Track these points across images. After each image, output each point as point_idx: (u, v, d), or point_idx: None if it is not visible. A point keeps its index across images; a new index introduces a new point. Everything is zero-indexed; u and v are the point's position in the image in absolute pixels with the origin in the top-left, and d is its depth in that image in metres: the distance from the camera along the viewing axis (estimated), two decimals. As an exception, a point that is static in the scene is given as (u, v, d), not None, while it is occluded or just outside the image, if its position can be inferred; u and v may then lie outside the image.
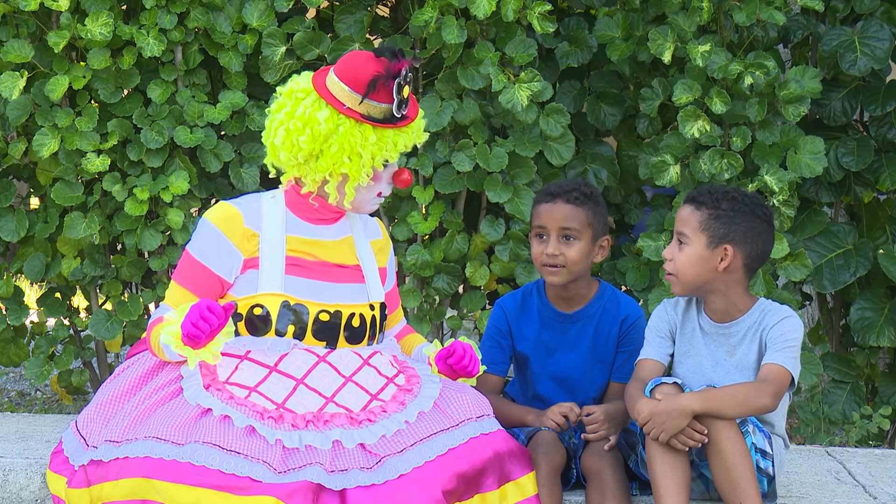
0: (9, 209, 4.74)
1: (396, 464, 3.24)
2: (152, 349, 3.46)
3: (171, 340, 3.34)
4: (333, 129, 3.39)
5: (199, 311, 3.28)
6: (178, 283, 3.49)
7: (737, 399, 3.33)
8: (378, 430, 3.32)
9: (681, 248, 3.45)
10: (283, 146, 3.44)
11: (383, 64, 3.41)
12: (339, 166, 3.41)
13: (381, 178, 3.50)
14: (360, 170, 3.42)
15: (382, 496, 3.17)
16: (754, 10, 4.39)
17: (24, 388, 5.87)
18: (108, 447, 3.30)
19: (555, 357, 3.74)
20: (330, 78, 3.45)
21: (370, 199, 3.52)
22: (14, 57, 4.51)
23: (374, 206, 3.55)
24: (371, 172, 3.45)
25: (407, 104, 3.44)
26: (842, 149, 4.68)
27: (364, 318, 3.51)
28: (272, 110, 3.50)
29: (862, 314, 4.72)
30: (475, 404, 3.43)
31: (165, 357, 3.42)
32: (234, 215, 3.49)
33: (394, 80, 3.40)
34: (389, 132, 3.43)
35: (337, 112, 3.40)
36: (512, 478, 3.35)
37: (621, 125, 4.85)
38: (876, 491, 3.75)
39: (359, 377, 3.43)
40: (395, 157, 3.47)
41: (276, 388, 3.37)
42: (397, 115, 3.42)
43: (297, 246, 3.51)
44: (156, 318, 3.45)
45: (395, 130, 3.44)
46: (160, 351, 3.42)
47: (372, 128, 3.41)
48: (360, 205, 3.52)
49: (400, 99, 3.41)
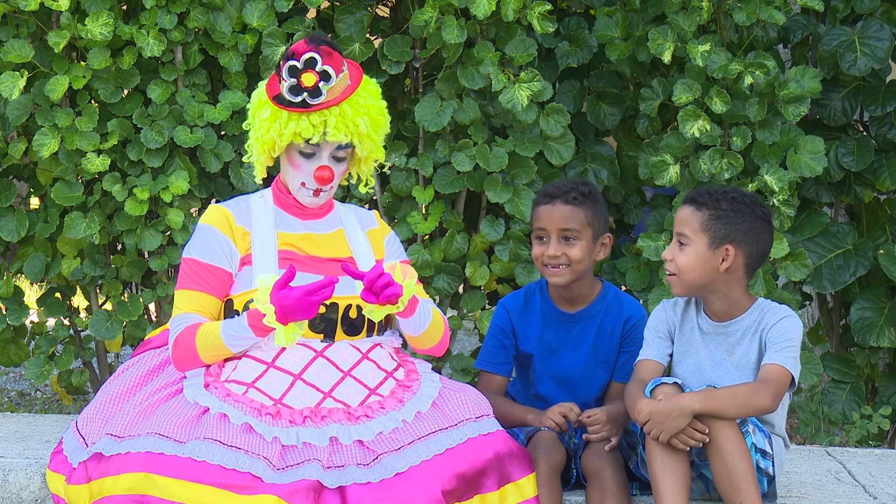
0: (9, 209, 4.74)
1: (393, 462, 3.25)
2: (198, 350, 3.43)
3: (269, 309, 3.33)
4: (252, 105, 3.55)
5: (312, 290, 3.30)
6: (189, 290, 3.48)
7: (737, 399, 3.33)
8: (375, 427, 3.32)
9: (681, 249, 3.45)
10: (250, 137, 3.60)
11: (299, 46, 3.47)
12: (257, 142, 3.53)
13: (299, 166, 3.51)
14: (255, 143, 3.53)
15: (382, 495, 3.18)
16: (754, 9, 4.39)
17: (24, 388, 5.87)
18: (110, 441, 3.31)
19: (557, 357, 3.74)
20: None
21: (295, 187, 3.55)
22: (14, 57, 4.50)
23: (306, 197, 3.55)
24: (270, 149, 3.52)
25: (311, 93, 3.44)
26: (842, 149, 4.68)
27: (361, 309, 3.51)
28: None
29: (862, 314, 4.72)
30: (475, 404, 3.43)
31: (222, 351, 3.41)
32: (225, 214, 3.54)
33: (287, 60, 3.43)
34: (282, 113, 3.46)
35: (263, 91, 3.53)
36: (512, 479, 3.34)
37: (621, 125, 4.85)
38: (876, 491, 3.75)
39: (357, 371, 3.43)
40: (285, 140, 3.48)
41: (273, 384, 3.37)
42: (291, 99, 3.45)
43: (287, 241, 3.53)
44: (192, 323, 3.44)
45: (291, 114, 3.46)
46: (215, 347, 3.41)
47: (274, 107, 3.48)
48: (294, 192, 3.57)
49: (294, 83, 3.43)
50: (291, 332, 3.35)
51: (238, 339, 3.40)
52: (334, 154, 3.52)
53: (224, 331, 3.40)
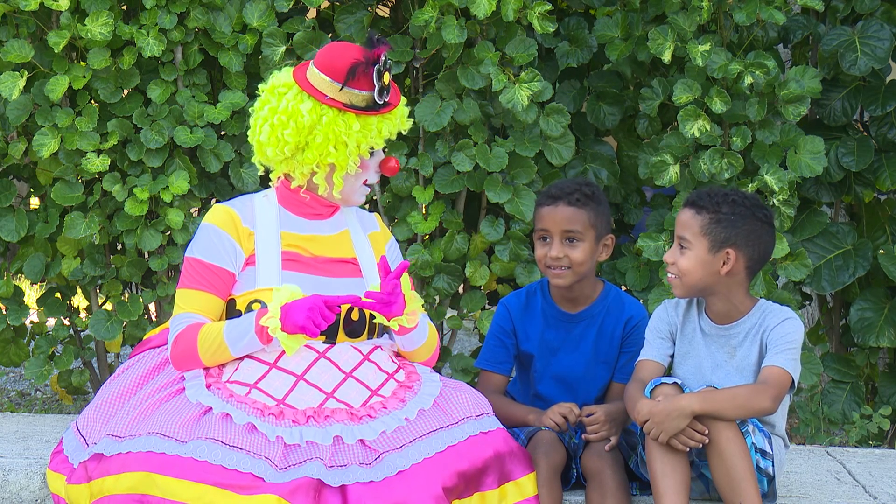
0: (9, 209, 4.74)
1: (395, 460, 3.25)
2: (199, 351, 3.42)
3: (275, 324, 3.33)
4: (317, 119, 3.42)
5: (321, 310, 3.30)
6: (192, 289, 3.47)
7: (737, 401, 3.33)
8: (378, 427, 3.33)
9: (682, 253, 3.44)
10: (269, 142, 3.47)
11: (361, 51, 3.44)
12: (326, 156, 3.43)
13: (367, 166, 3.52)
14: (347, 158, 3.44)
15: (383, 493, 3.18)
16: (754, 9, 4.39)
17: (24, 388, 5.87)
18: (111, 441, 3.31)
19: (558, 357, 3.74)
20: (310, 70, 3.47)
21: (357, 187, 3.53)
22: (14, 57, 4.50)
23: (362, 196, 3.55)
24: (358, 161, 3.47)
25: (389, 90, 3.46)
26: (842, 149, 4.68)
27: (363, 311, 3.51)
28: (256, 108, 3.53)
29: (862, 314, 4.72)
30: (474, 403, 3.43)
31: (224, 354, 3.41)
32: (231, 215, 3.52)
33: (373, 66, 3.42)
34: (373, 119, 3.45)
35: (319, 103, 3.42)
36: (512, 477, 3.35)
37: (621, 125, 4.85)
38: (876, 491, 3.75)
39: (359, 373, 3.44)
40: (380, 143, 3.49)
41: (276, 385, 3.37)
42: (379, 102, 3.44)
43: (292, 241, 3.52)
44: (193, 323, 3.43)
45: (379, 117, 3.46)
46: (217, 349, 3.40)
47: (355, 116, 3.43)
48: (348, 194, 3.53)
49: (381, 85, 3.43)
50: (296, 340, 3.36)
51: (242, 343, 3.39)
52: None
53: (227, 333, 3.39)
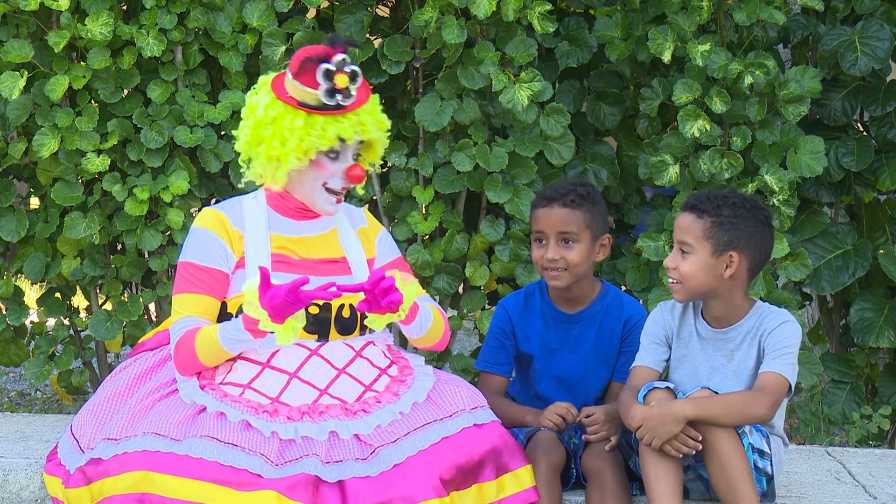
0: (9, 209, 4.74)
1: (390, 454, 3.26)
2: (198, 355, 3.41)
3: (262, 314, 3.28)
4: (269, 115, 3.44)
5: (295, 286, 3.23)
6: (188, 293, 3.47)
7: (732, 409, 3.32)
8: (373, 421, 3.34)
9: (684, 258, 3.42)
10: (239, 138, 3.52)
11: (319, 49, 3.44)
12: (269, 149, 3.44)
13: (325, 169, 3.49)
14: (288, 153, 3.43)
15: (381, 486, 3.19)
16: (754, 9, 4.39)
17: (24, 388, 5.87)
18: (107, 445, 3.31)
19: (557, 357, 3.74)
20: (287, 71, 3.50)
21: (316, 191, 3.51)
22: (14, 57, 4.50)
23: (327, 204, 3.52)
24: (302, 158, 3.45)
25: (343, 93, 3.43)
26: (842, 149, 4.67)
27: (354, 308, 3.51)
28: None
29: (862, 315, 4.71)
30: (469, 397, 3.45)
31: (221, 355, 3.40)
32: (220, 218, 3.53)
33: (319, 63, 3.41)
34: (319, 118, 3.44)
35: (276, 98, 3.45)
36: (509, 469, 3.36)
37: (621, 125, 4.85)
38: (876, 491, 3.75)
39: (352, 369, 3.44)
40: (326, 144, 3.45)
41: (269, 384, 3.38)
42: (328, 103, 3.43)
43: (281, 244, 3.52)
44: (192, 328, 3.42)
45: (327, 118, 3.44)
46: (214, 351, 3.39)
47: (305, 114, 3.43)
48: (313, 200, 3.52)
49: (330, 86, 3.41)
50: (290, 328, 3.33)
51: (236, 342, 3.39)
52: (354, 153, 3.53)
53: (221, 335, 3.39)
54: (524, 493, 3.36)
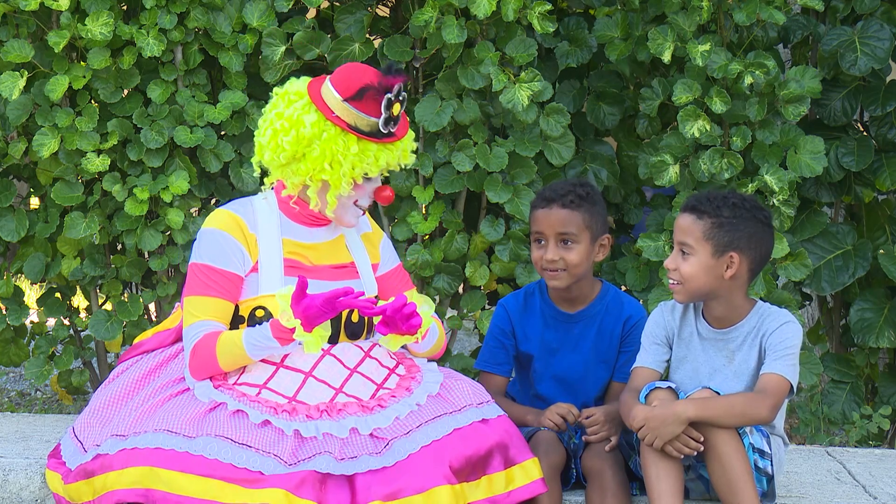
0: (9, 209, 4.74)
1: (404, 445, 3.29)
2: (219, 360, 3.41)
3: (297, 323, 3.31)
4: (318, 133, 3.41)
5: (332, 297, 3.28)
6: (204, 296, 3.45)
7: (734, 411, 3.32)
8: (391, 413, 3.36)
9: (685, 259, 3.42)
10: (269, 145, 3.47)
11: (377, 76, 3.43)
12: (320, 172, 3.43)
13: (362, 189, 3.51)
14: (340, 178, 3.43)
15: (392, 477, 3.21)
16: (754, 9, 4.39)
17: (24, 388, 5.87)
18: (115, 441, 3.32)
19: (557, 357, 3.74)
20: (325, 85, 3.47)
21: (348, 208, 3.52)
22: (14, 57, 4.50)
23: (354, 218, 3.54)
24: (351, 183, 3.45)
25: (396, 122, 3.46)
26: (842, 149, 4.67)
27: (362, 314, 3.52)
28: (266, 109, 3.53)
29: (862, 315, 4.71)
30: (474, 392, 3.48)
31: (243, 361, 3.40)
32: (237, 220, 3.51)
33: (384, 94, 3.41)
34: (372, 146, 3.44)
35: (324, 118, 3.42)
36: (517, 461, 3.37)
37: (621, 125, 4.85)
38: (876, 491, 3.75)
39: (363, 368, 3.48)
40: (376, 171, 3.48)
41: (285, 383, 3.40)
42: (383, 131, 3.43)
43: (293, 249, 3.52)
44: (211, 331, 3.41)
45: (379, 146, 3.45)
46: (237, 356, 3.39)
47: (356, 139, 3.42)
48: (340, 214, 3.53)
49: (388, 115, 3.43)
50: (319, 336, 3.36)
51: (263, 349, 3.40)
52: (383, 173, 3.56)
53: (247, 341, 3.38)
54: (532, 485, 3.37)
